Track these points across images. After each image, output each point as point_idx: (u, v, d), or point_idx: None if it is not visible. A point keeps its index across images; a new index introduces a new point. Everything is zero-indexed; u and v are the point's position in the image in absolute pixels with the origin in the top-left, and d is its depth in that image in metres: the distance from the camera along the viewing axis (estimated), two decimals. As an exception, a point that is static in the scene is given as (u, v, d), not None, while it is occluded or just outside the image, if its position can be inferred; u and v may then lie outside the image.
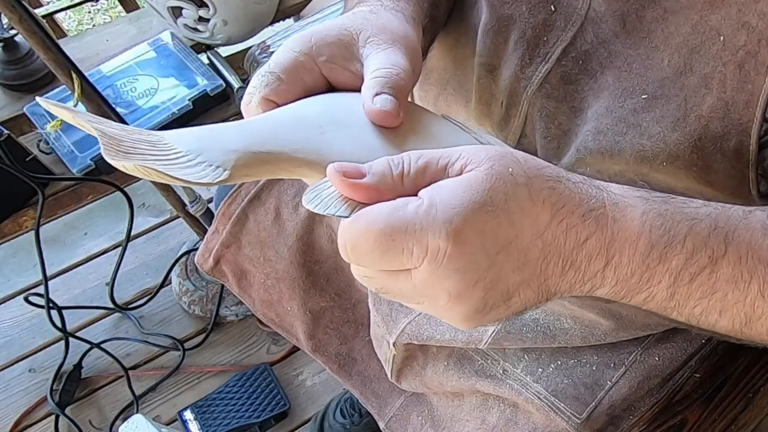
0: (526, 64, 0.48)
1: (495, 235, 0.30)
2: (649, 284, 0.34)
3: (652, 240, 0.33)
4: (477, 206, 0.30)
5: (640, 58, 0.43)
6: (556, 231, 0.32)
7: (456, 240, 0.29)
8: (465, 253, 0.30)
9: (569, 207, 0.32)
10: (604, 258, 0.33)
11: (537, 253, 0.32)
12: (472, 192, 0.30)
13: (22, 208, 1.15)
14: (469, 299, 0.31)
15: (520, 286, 0.32)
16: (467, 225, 0.29)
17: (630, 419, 0.63)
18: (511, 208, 0.30)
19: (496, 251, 0.30)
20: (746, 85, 0.39)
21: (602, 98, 0.45)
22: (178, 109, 1.15)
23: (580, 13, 0.45)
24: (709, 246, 0.33)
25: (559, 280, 0.33)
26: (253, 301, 0.85)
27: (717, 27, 0.39)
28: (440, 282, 0.30)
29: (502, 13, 0.48)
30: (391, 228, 0.30)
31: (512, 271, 0.31)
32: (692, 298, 0.34)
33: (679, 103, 0.42)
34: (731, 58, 0.39)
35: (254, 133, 0.36)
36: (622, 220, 0.33)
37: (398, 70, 0.38)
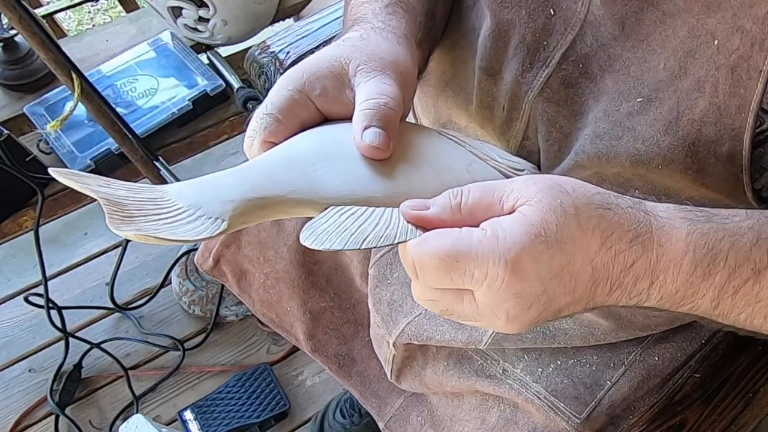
0: (526, 69, 0.48)
1: (548, 264, 0.33)
2: (693, 298, 0.36)
3: (695, 260, 0.35)
4: (532, 238, 0.33)
5: (637, 61, 0.43)
6: (605, 257, 0.34)
7: (513, 269, 0.32)
8: (521, 280, 0.33)
9: (617, 234, 0.34)
10: (649, 279, 0.35)
11: (587, 278, 0.34)
12: (528, 225, 0.33)
13: (22, 208, 1.15)
14: (524, 319, 0.34)
15: (569, 305, 0.35)
16: (524, 255, 0.32)
17: (630, 419, 0.63)
18: (563, 238, 0.33)
19: (549, 278, 0.33)
20: (738, 89, 0.39)
21: (601, 101, 0.45)
22: (178, 109, 1.16)
23: (579, 16, 0.45)
24: (751, 259, 0.35)
25: (606, 298, 0.36)
26: (252, 301, 0.85)
27: (712, 31, 0.39)
28: (499, 305, 0.34)
29: (502, 18, 0.48)
30: (456, 251, 0.33)
31: (563, 294, 0.34)
32: (736, 308, 0.36)
33: (671, 106, 0.41)
34: (724, 62, 0.39)
35: (250, 180, 0.37)
36: (667, 244, 0.35)
37: (386, 99, 0.40)
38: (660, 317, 0.57)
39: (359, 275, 0.79)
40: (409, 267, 0.35)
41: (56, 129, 1.03)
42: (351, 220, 0.36)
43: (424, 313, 0.65)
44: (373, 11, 0.48)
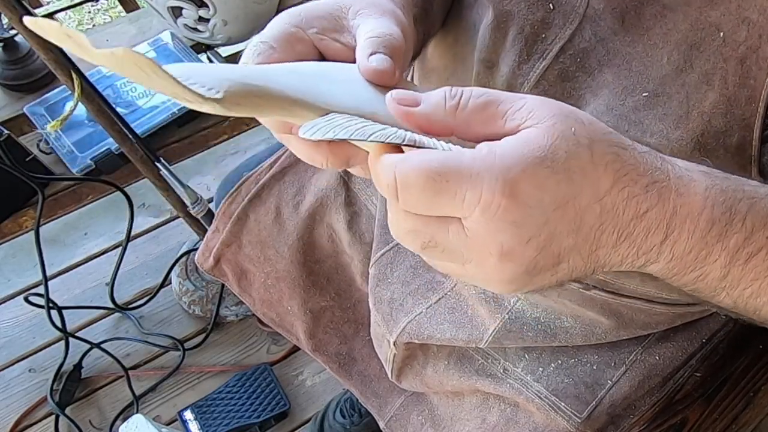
0: (523, 61, 0.48)
1: (553, 192, 0.29)
2: (704, 262, 0.33)
3: (713, 217, 0.32)
4: (537, 160, 0.28)
5: (639, 56, 0.43)
6: (616, 198, 0.30)
7: (512, 192, 0.28)
8: (520, 206, 0.28)
9: (632, 176, 0.30)
10: (663, 232, 0.31)
11: (593, 219, 0.30)
12: (532, 147, 0.29)
13: (22, 208, 1.15)
14: (520, 257, 0.30)
15: (571, 251, 0.31)
16: (525, 177, 0.28)
17: (631, 418, 0.63)
18: (571, 167, 0.29)
19: (552, 208, 0.29)
20: (748, 80, 0.39)
21: (601, 96, 0.45)
22: (178, 109, 1.16)
23: (579, 11, 0.45)
24: (767, 227, 0.32)
25: (611, 252, 0.32)
26: (253, 301, 0.85)
27: (716, 23, 0.39)
28: (493, 235, 0.29)
29: (501, 9, 0.48)
30: (446, 168, 0.28)
31: (566, 233, 0.30)
32: (744, 280, 0.33)
33: (680, 100, 0.42)
34: (732, 53, 0.39)
35: (249, 71, 0.35)
36: (686, 195, 0.31)
37: (392, 33, 0.38)
38: (661, 316, 0.57)
39: (360, 274, 0.79)
40: (389, 187, 0.29)
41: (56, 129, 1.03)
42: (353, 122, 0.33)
43: (424, 312, 0.65)
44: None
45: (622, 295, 0.54)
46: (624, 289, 0.53)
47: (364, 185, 0.75)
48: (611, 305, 0.55)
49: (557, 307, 0.59)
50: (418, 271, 0.66)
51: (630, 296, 0.54)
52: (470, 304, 0.63)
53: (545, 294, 0.57)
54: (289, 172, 0.80)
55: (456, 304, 0.64)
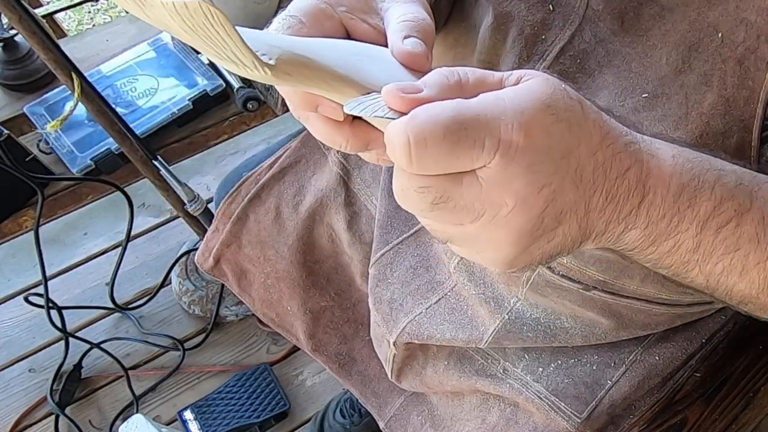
0: (523, 62, 0.48)
1: (559, 138, 0.29)
2: (677, 230, 0.34)
3: (682, 181, 0.33)
4: (543, 105, 0.29)
5: (638, 57, 0.43)
6: (606, 153, 0.31)
7: (527, 133, 0.28)
8: (535, 149, 0.29)
9: (614, 133, 0.32)
10: (640, 194, 0.32)
11: (590, 174, 0.31)
12: (536, 93, 0.29)
13: (22, 208, 1.15)
14: (532, 208, 0.30)
15: (570, 210, 0.31)
16: (536, 120, 0.29)
17: (630, 418, 0.63)
18: (570, 118, 0.30)
19: (560, 155, 0.30)
20: (747, 81, 0.39)
21: (601, 97, 0.45)
22: (178, 109, 1.15)
23: (578, 12, 0.45)
24: (735, 199, 0.33)
25: (599, 216, 0.32)
26: (253, 301, 0.85)
27: (715, 24, 0.39)
28: (510, 182, 0.29)
29: (501, 11, 0.48)
30: (462, 116, 0.28)
31: (570, 185, 0.30)
32: (716, 253, 0.34)
33: (680, 101, 0.42)
34: (730, 54, 0.39)
35: (294, 42, 0.34)
36: (656, 157, 0.33)
37: (424, 18, 0.38)
38: (661, 316, 0.57)
39: (359, 275, 0.79)
40: (401, 148, 0.28)
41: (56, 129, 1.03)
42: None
43: (424, 312, 0.65)
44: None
45: (621, 295, 0.54)
46: (624, 290, 0.53)
47: (364, 185, 0.75)
48: (611, 306, 0.55)
49: (557, 308, 0.59)
50: (417, 272, 0.66)
51: (630, 297, 0.54)
52: (470, 305, 0.63)
53: (545, 294, 0.57)
54: (288, 172, 0.80)
55: (456, 305, 0.64)
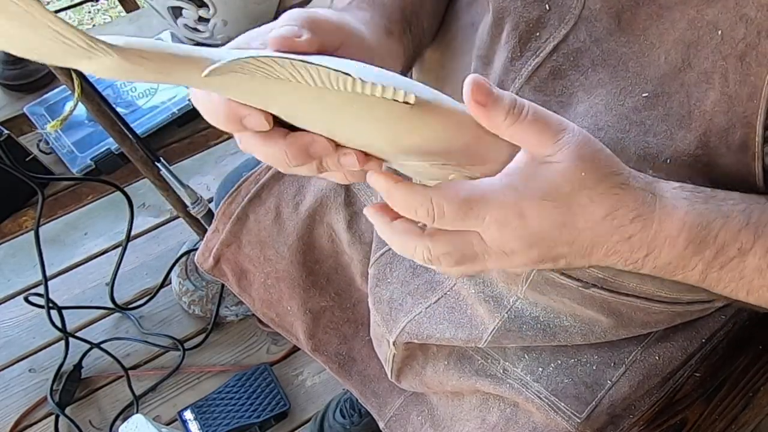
0: (516, 57, 0.48)
1: (552, 219, 0.37)
2: (684, 270, 0.40)
3: (690, 237, 0.38)
4: (542, 195, 0.37)
5: (635, 56, 0.43)
6: (608, 226, 0.38)
7: (520, 216, 0.37)
8: (525, 227, 0.37)
9: (623, 211, 0.37)
10: (645, 250, 0.39)
11: (585, 239, 0.38)
12: (543, 183, 0.37)
13: (22, 208, 1.15)
14: (526, 256, 0.39)
15: (568, 255, 0.39)
16: (531, 209, 0.37)
17: (630, 418, 0.63)
18: (571, 202, 0.37)
19: (551, 229, 0.37)
20: (748, 77, 0.39)
21: (597, 95, 0.45)
22: (178, 109, 1.15)
23: (574, 12, 0.46)
24: (738, 240, 0.39)
25: (603, 259, 0.40)
26: (253, 301, 0.85)
27: (714, 21, 0.39)
28: (505, 242, 0.38)
29: (498, 6, 0.48)
30: (473, 197, 0.36)
31: (563, 244, 0.38)
32: (722, 281, 0.40)
33: (681, 100, 0.42)
34: (731, 51, 0.39)
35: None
36: (666, 222, 0.38)
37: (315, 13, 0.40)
38: (660, 314, 0.57)
39: (359, 275, 0.79)
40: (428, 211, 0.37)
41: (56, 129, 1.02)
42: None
43: (424, 311, 0.65)
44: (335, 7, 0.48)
45: (621, 293, 0.54)
46: (623, 288, 0.53)
47: (364, 185, 0.75)
48: (610, 303, 0.55)
49: (556, 306, 0.59)
50: (417, 271, 0.66)
51: (629, 294, 0.54)
52: (470, 304, 0.63)
53: (544, 292, 0.57)
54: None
55: (455, 304, 0.64)
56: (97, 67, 0.31)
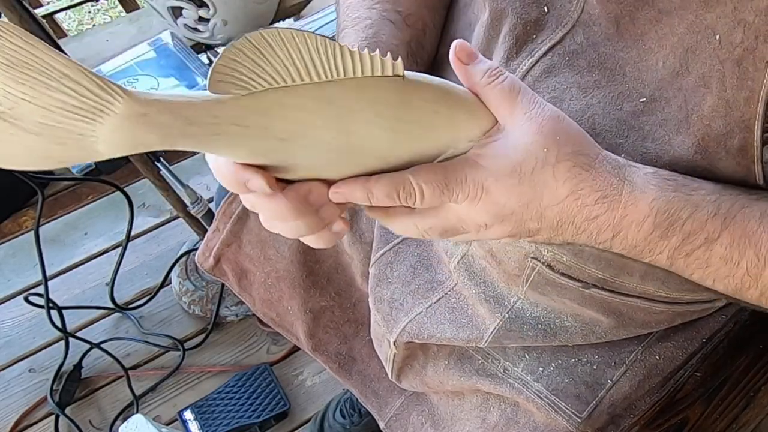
0: (511, 58, 0.48)
1: (518, 196, 0.39)
2: (651, 254, 0.41)
3: (655, 222, 0.40)
4: (508, 173, 0.39)
5: (632, 61, 0.43)
6: (571, 205, 0.40)
7: (487, 192, 0.39)
8: (494, 203, 0.40)
9: (586, 191, 0.39)
10: (611, 231, 0.41)
11: (552, 215, 0.40)
12: (507, 161, 0.39)
13: (22, 208, 1.15)
14: (500, 228, 0.41)
15: (539, 230, 0.41)
16: (497, 186, 0.39)
17: (631, 418, 0.63)
18: (534, 179, 0.39)
19: (517, 205, 0.40)
20: (746, 81, 0.39)
21: (593, 97, 0.45)
22: (179, 109, 1.15)
23: (573, 16, 0.45)
24: (705, 230, 0.40)
25: (574, 237, 0.41)
26: (253, 301, 0.85)
27: (713, 26, 0.39)
28: (477, 216, 0.41)
29: (497, 7, 0.48)
30: (445, 177, 0.40)
31: (531, 220, 0.40)
32: (689, 268, 0.42)
33: (679, 104, 0.42)
34: (728, 56, 0.39)
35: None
36: (632, 207, 0.39)
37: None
38: (661, 314, 0.57)
39: (360, 274, 0.79)
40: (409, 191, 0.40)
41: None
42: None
43: (424, 311, 0.65)
44: None
45: (621, 293, 0.54)
46: (623, 288, 0.53)
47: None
48: (611, 304, 0.55)
49: (557, 306, 0.59)
50: (418, 271, 0.66)
51: (629, 294, 0.54)
52: (470, 304, 0.63)
53: (545, 292, 0.57)
54: (289, 172, 0.80)
55: (456, 304, 0.64)
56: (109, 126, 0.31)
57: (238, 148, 0.36)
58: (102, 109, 0.31)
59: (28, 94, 0.30)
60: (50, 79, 0.30)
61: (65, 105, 0.30)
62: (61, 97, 0.30)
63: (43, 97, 0.30)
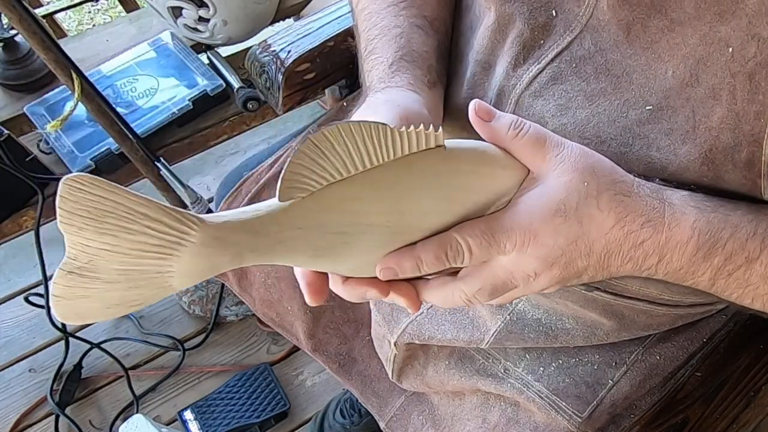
0: (518, 64, 0.48)
1: (566, 235, 0.39)
2: (693, 276, 0.41)
3: (699, 244, 0.40)
4: (553, 214, 0.39)
5: (640, 68, 0.43)
6: (618, 234, 0.39)
7: (535, 236, 0.39)
8: (542, 246, 0.39)
9: (631, 217, 0.39)
10: (657, 256, 0.40)
11: (600, 248, 0.40)
12: (551, 202, 0.39)
13: (22, 208, 1.15)
14: (549, 274, 0.40)
15: (587, 269, 0.41)
16: (544, 228, 0.39)
17: (631, 418, 0.63)
18: (580, 214, 0.39)
19: (566, 244, 0.39)
20: (757, 96, 0.39)
21: (599, 105, 0.45)
22: (179, 109, 1.15)
23: (581, 20, 0.45)
24: (746, 249, 0.40)
25: (619, 269, 0.41)
26: (253, 300, 0.85)
27: (726, 38, 0.39)
28: (526, 265, 0.40)
29: (503, 12, 0.48)
30: (492, 227, 0.39)
31: (580, 258, 0.40)
32: (729, 288, 0.42)
33: (686, 115, 0.41)
34: (740, 69, 0.39)
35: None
36: (675, 228, 0.40)
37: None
38: (662, 317, 0.57)
39: (360, 275, 0.79)
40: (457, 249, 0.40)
41: (56, 129, 1.03)
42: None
43: (425, 312, 0.65)
44: (378, 77, 0.50)
45: (623, 296, 0.54)
46: (626, 291, 0.53)
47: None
48: (613, 306, 0.55)
49: (558, 308, 0.58)
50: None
51: (632, 297, 0.54)
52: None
53: (546, 295, 0.57)
54: (289, 172, 0.79)
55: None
56: (186, 258, 0.32)
57: (298, 253, 0.36)
58: (179, 241, 0.31)
59: (109, 242, 0.30)
60: (131, 222, 0.30)
61: (145, 246, 0.31)
62: (142, 239, 0.30)
63: (125, 243, 0.30)
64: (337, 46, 0.80)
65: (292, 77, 0.78)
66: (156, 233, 0.31)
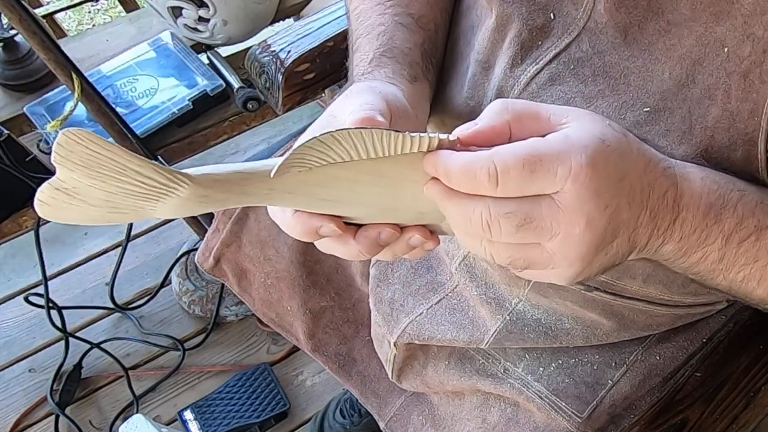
0: (516, 64, 0.48)
1: (616, 166, 0.34)
2: (705, 242, 0.38)
3: (710, 200, 0.37)
4: (599, 141, 0.34)
5: (638, 70, 0.43)
6: (649, 177, 0.36)
7: (593, 162, 0.33)
8: (599, 176, 0.33)
9: (654, 160, 0.36)
10: (675, 211, 0.37)
11: (638, 195, 0.35)
12: (593, 130, 0.34)
13: (22, 208, 1.15)
14: (597, 227, 0.34)
15: (623, 226, 0.35)
16: (598, 153, 0.33)
17: (631, 418, 0.63)
18: (621, 148, 0.34)
19: (617, 180, 0.34)
20: (751, 94, 0.39)
21: (597, 107, 0.45)
22: (178, 109, 1.15)
23: (579, 23, 0.45)
24: (755, 216, 0.38)
25: (644, 232, 0.37)
26: (253, 301, 0.85)
27: (722, 39, 0.39)
28: (582, 204, 0.33)
29: (503, 12, 0.48)
30: (538, 151, 0.33)
31: (625, 205, 0.35)
32: (737, 263, 0.39)
33: (683, 115, 0.41)
34: (735, 68, 0.39)
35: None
36: (688, 179, 0.37)
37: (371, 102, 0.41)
38: (662, 317, 0.57)
39: (360, 274, 0.79)
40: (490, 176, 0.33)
41: (56, 129, 1.03)
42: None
43: (425, 312, 0.65)
44: (358, 72, 0.50)
45: (623, 296, 0.54)
46: (626, 291, 0.53)
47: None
48: (612, 307, 0.55)
49: (558, 309, 0.59)
50: (419, 272, 0.66)
51: (631, 297, 0.54)
52: (471, 305, 0.63)
53: (546, 294, 0.57)
54: (289, 172, 0.79)
55: (457, 305, 0.64)
56: (171, 205, 0.34)
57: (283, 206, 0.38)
58: (167, 193, 0.33)
59: (98, 185, 0.32)
60: (123, 176, 0.32)
61: (133, 192, 0.33)
62: (131, 188, 0.33)
63: (113, 188, 0.32)
64: (337, 46, 0.80)
65: (291, 77, 0.78)
66: (143, 185, 0.33)
